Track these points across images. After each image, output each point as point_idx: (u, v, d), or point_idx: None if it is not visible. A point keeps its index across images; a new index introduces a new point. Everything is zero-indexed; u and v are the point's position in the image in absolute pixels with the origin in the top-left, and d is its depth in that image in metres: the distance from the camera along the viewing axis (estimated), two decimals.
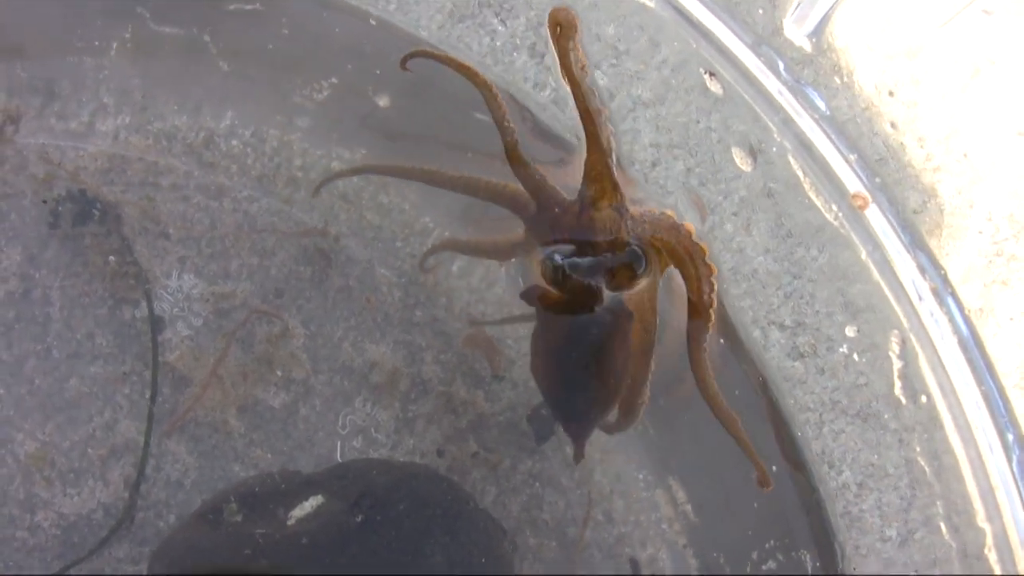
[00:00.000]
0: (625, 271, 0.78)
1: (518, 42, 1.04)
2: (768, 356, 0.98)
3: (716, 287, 0.79)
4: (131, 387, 1.05)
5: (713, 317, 0.78)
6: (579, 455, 0.94)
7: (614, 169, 0.78)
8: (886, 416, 0.91)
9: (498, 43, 0.99)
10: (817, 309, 0.96)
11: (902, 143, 0.89)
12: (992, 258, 0.87)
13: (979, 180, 0.86)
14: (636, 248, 0.77)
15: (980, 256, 0.88)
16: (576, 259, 0.76)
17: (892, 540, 0.94)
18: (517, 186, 0.81)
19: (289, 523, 0.90)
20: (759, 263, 0.97)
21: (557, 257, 0.76)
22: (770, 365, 0.98)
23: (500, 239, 0.90)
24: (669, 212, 0.79)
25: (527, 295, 0.84)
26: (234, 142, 1.08)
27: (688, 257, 0.77)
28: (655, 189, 0.97)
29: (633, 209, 0.79)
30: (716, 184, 0.94)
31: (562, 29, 0.73)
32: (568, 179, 0.80)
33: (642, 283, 0.80)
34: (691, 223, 0.80)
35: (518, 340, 1.06)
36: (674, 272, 0.81)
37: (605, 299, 0.80)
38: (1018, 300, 0.87)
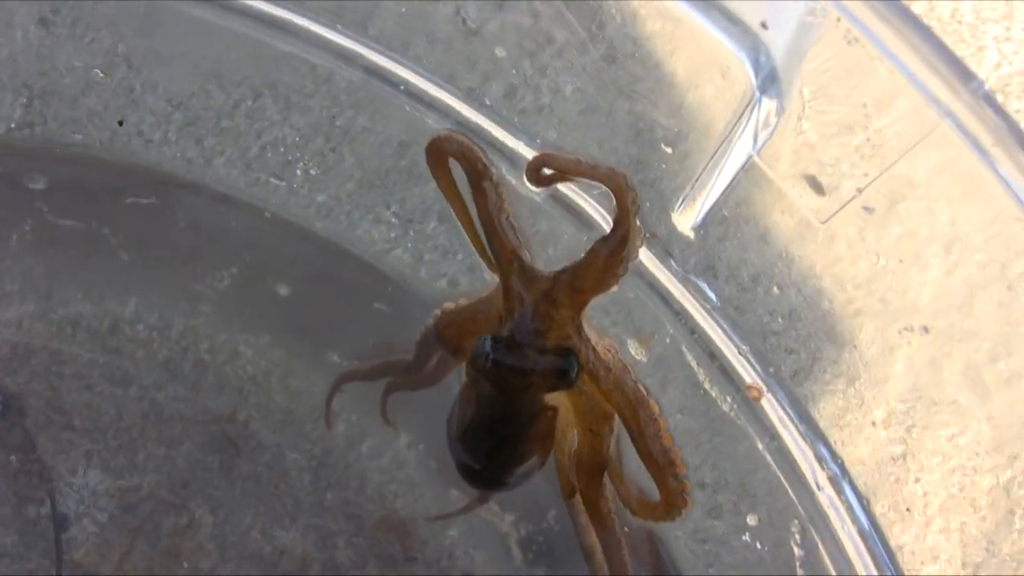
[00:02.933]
0: (549, 378, 0.75)
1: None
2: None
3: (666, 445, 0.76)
4: None
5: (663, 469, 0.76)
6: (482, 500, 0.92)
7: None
8: None
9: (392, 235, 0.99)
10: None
11: (795, 334, 0.89)
12: (887, 448, 0.87)
13: (872, 372, 0.86)
14: (572, 362, 0.75)
15: (875, 446, 0.88)
16: (504, 356, 0.74)
17: None
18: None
19: None
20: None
21: (487, 346, 0.74)
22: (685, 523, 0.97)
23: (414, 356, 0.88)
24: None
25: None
26: (139, 327, 1.07)
27: (631, 410, 0.76)
28: None
29: (594, 337, 0.76)
30: None
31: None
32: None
33: (554, 396, 0.78)
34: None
35: (431, 522, 1.05)
36: None
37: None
38: (913, 490, 0.87)
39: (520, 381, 0.74)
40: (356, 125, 1.11)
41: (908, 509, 0.86)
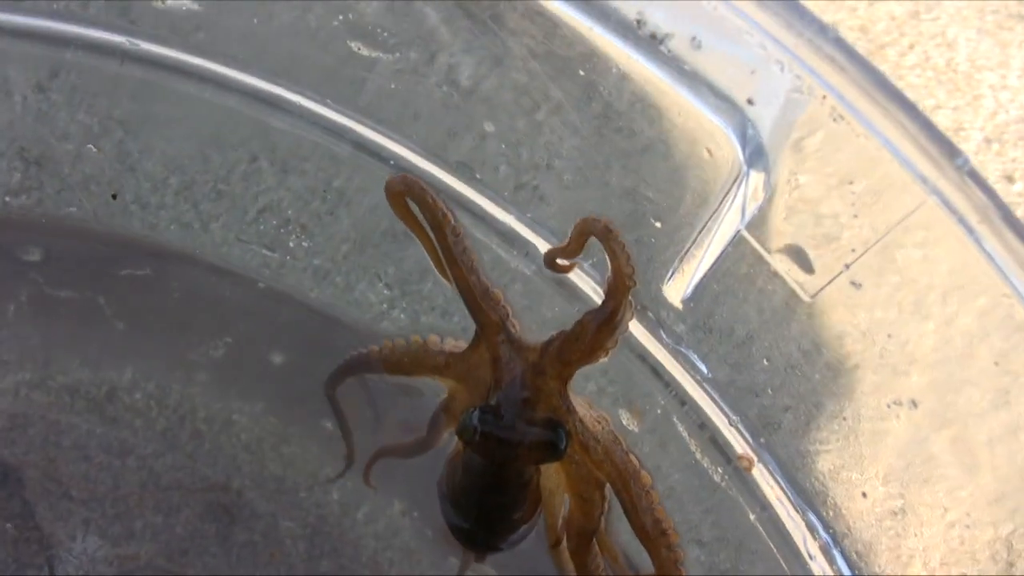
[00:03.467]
0: (537, 451, 0.76)
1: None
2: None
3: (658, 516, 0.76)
4: None
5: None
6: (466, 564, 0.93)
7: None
8: None
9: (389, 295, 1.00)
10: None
11: (784, 405, 0.89)
12: (879, 518, 0.88)
13: (862, 442, 0.86)
14: (561, 435, 0.76)
15: (867, 516, 0.88)
16: (492, 428, 0.74)
17: None
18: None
19: None
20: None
21: (475, 418, 0.74)
22: None
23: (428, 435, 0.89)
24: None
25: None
26: (137, 395, 1.08)
27: (622, 481, 0.76)
28: None
29: (584, 408, 0.76)
30: None
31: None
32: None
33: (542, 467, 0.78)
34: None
35: None
36: None
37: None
38: (905, 559, 0.87)
39: (509, 452, 0.74)
40: (351, 187, 1.12)
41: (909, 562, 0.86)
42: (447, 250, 0.72)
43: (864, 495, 0.88)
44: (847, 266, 0.85)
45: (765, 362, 0.89)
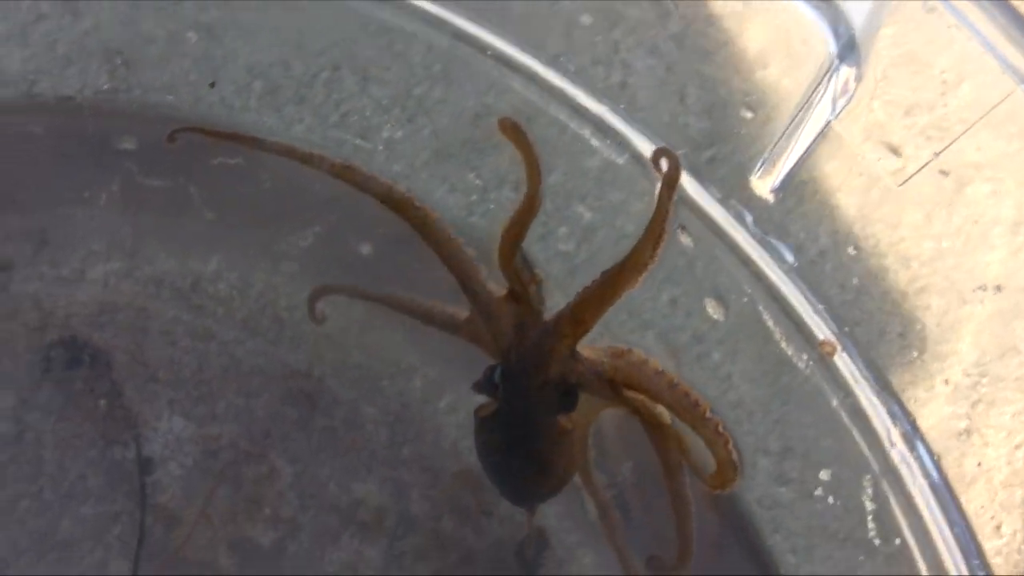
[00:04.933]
0: (555, 404, 0.78)
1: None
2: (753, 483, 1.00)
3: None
4: (122, 527, 1.07)
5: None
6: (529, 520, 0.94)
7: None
8: (860, 558, 0.93)
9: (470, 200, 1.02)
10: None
11: (869, 293, 0.91)
12: (960, 404, 0.90)
13: (946, 330, 0.89)
14: (572, 394, 0.78)
15: (948, 402, 0.90)
16: (510, 383, 0.77)
17: None
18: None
19: None
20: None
21: (495, 375, 0.77)
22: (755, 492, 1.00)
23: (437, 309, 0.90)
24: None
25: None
26: (221, 286, 1.10)
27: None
28: (628, 324, 0.99)
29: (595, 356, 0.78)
30: (691, 329, 0.96)
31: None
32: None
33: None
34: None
35: None
36: None
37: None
38: (986, 446, 0.89)
39: (528, 405, 0.77)
40: (432, 96, 1.14)
41: (979, 464, 0.89)
42: (529, 201, 0.73)
43: (946, 382, 0.90)
44: (936, 154, 0.87)
45: (851, 251, 0.91)
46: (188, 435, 1.08)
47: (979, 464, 0.89)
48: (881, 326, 0.91)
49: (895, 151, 0.87)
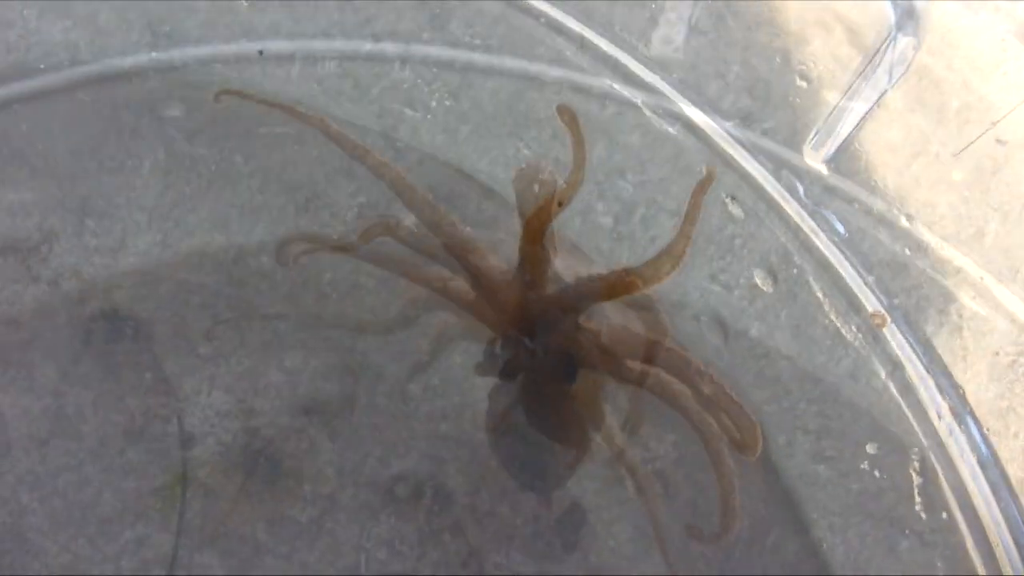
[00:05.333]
0: (557, 372, 0.79)
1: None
2: (792, 462, 0.99)
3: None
4: (163, 501, 1.06)
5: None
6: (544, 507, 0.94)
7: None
8: (907, 531, 0.92)
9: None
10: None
11: (919, 265, 0.91)
12: (1009, 378, 0.89)
13: (995, 302, 0.88)
14: (572, 365, 0.79)
15: (997, 376, 0.89)
16: (513, 356, 0.77)
17: None
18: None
19: None
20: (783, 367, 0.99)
21: (498, 347, 0.78)
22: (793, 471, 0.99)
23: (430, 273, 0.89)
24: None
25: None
26: (263, 259, 1.10)
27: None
28: (674, 295, 0.99)
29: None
30: (738, 300, 0.96)
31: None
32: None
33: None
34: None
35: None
36: None
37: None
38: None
39: (532, 376, 0.77)
40: (472, 72, 1.14)
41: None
42: (571, 185, 0.75)
43: (996, 354, 0.89)
44: (994, 123, 0.87)
45: (904, 222, 0.90)
46: (228, 410, 1.07)
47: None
48: (932, 297, 0.90)
49: (951, 121, 0.87)
